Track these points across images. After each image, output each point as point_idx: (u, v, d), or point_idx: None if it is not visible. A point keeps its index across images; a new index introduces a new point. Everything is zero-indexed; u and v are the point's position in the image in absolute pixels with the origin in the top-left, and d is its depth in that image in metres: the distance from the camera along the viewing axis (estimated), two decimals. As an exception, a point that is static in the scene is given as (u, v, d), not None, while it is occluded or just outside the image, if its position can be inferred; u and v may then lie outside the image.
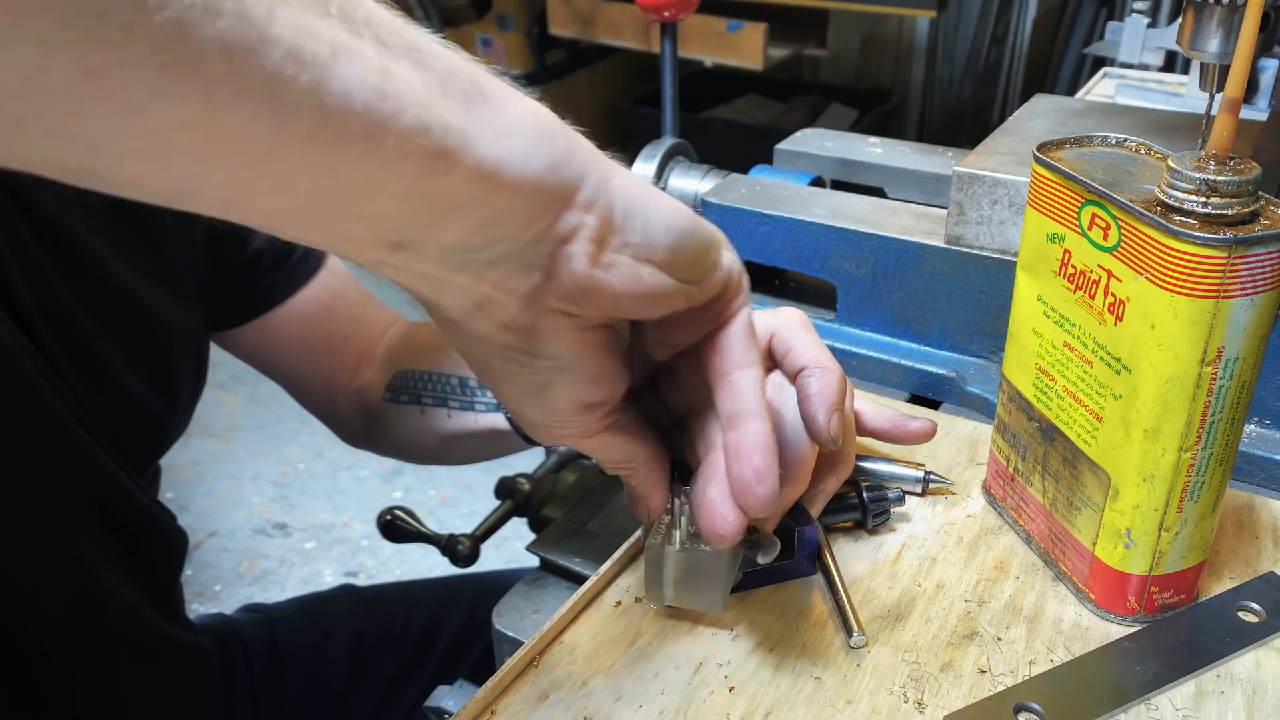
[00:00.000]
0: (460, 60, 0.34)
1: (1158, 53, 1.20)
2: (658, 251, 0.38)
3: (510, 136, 0.33)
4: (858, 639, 0.51)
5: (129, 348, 0.65)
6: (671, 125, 0.89)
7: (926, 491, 0.62)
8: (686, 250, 0.40)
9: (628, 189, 0.38)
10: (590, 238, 0.37)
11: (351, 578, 2.08)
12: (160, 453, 0.73)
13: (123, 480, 0.65)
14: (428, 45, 0.32)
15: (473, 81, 0.33)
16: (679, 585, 0.50)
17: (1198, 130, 0.67)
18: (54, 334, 0.60)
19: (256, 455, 2.45)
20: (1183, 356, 0.45)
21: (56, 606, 0.63)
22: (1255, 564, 0.57)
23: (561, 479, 0.92)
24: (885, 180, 0.90)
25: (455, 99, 0.32)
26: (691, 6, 0.85)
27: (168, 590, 0.75)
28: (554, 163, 0.35)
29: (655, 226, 0.38)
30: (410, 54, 0.31)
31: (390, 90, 0.30)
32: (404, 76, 0.30)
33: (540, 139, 0.34)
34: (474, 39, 2.83)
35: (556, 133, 0.35)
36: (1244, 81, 0.43)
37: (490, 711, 0.48)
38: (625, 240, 0.38)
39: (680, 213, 0.39)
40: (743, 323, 0.44)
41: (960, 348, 0.73)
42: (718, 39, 2.48)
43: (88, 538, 0.64)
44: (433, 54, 0.32)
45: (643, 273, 0.38)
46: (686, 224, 0.39)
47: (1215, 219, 0.43)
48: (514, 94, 0.35)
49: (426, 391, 0.77)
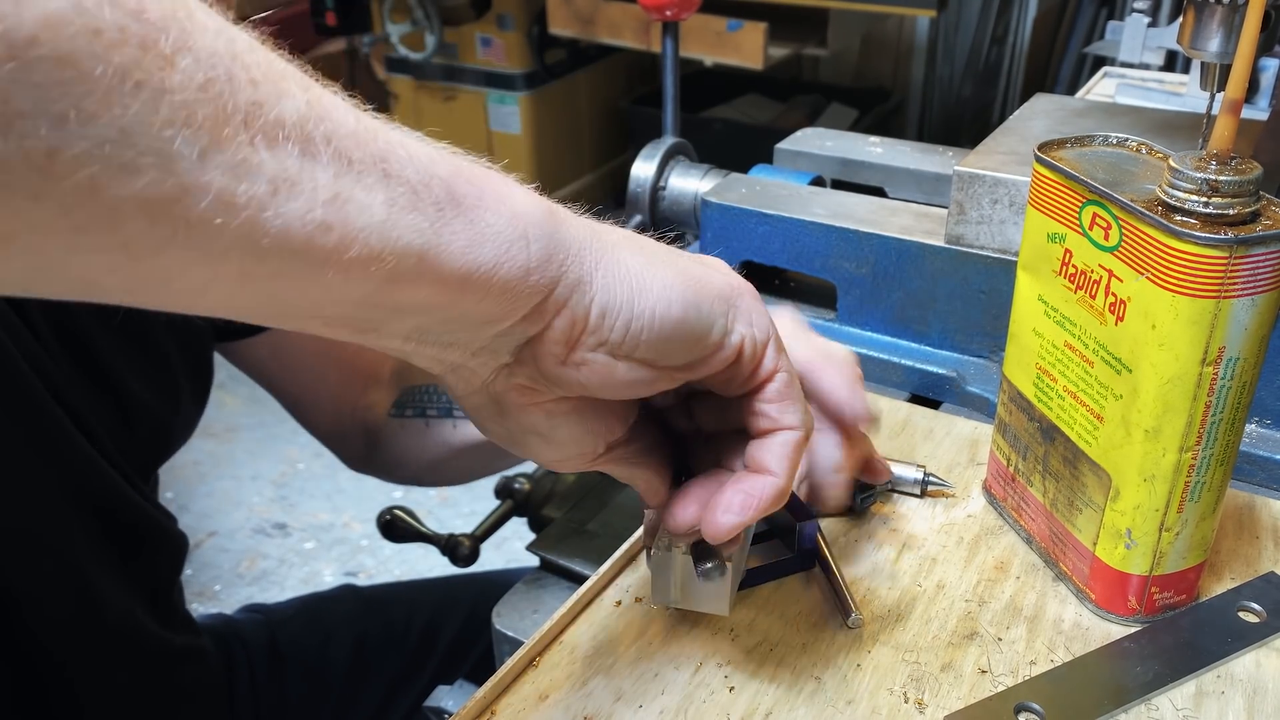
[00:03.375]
0: (438, 163, 0.32)
1: (1158, 52, 1.20)
2: (640, 347, 0.37)
3: (480, 247, 0.32)
4: (855, 619, 0.51)
5: (132, 352, 0.65)
6: (672, 124, 0.89)
7: (925, 494, 0.62)
8: (677, 340, 0.38)
9: (614, 280, 0.36)
10: (558, 339, 0.36)
11: (351, 578, 2.08)
12: (163, 458, 0.73)
13: (123, 486, 0.65)
14: (399, 152, 0.31)
15: (448, 188, 0.32)
16: (685, 588, 0.49)
17: (1198, 130, 0.67)
18: (58, 338, 0.60)
19: (256, 455, 2.45)
20: (1183, 356, 0.45)
21: (57, 611, 0.63)
22: (1256, 564, 0.57)
23: (561, 479, 0.92)
24: (885, 180, 0.90)
25: (423, 212, 0.31)
26: (694, 6, 0.85)
27: (166, 594, 0.75)
28: (524, 270, 0.33)
29: (640, 321, 0.37)
30: (376, 166, 0.30)
31: (337, 221, 0.28)
32: (359, 201, 0.29)
33: (513, 245, 0.33)
34: (474, 39, 2.83)
35: (534, 235, 0.34)
36: (1245, 81, 0.43)
37: (490, 711, 0.48)
38: (601, 339, 0.36)
39: (673, 301, 0.37)
40: (776, 388, 0.42)
41: (961, 347, 0.73)
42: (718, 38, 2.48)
43: (87, 543, 0.64)
44: (404, 161, 0.31)
45: (618, 369, 0.37)
46: (678, 313, 0.37)
47: (1216, 219, 0.43)
48: (495, 194, 0.34)
49: (431, 404, 0.77)
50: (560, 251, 0.35)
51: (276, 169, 0.27)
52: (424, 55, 2.82)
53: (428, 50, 2.80)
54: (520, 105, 2.87)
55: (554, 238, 0.35)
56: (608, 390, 0.38)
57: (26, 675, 0.63)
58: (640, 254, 0.38)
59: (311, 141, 0.28)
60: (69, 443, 0.61)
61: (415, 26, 2.77)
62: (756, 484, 0.42)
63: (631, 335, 0.37)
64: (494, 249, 0.33)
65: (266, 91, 0.27)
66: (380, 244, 0.30)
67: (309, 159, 0.28)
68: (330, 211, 0.28)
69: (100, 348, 0.63)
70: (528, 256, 0.34)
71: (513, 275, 0.33)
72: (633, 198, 0.85)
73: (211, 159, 0.26)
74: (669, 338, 0.38)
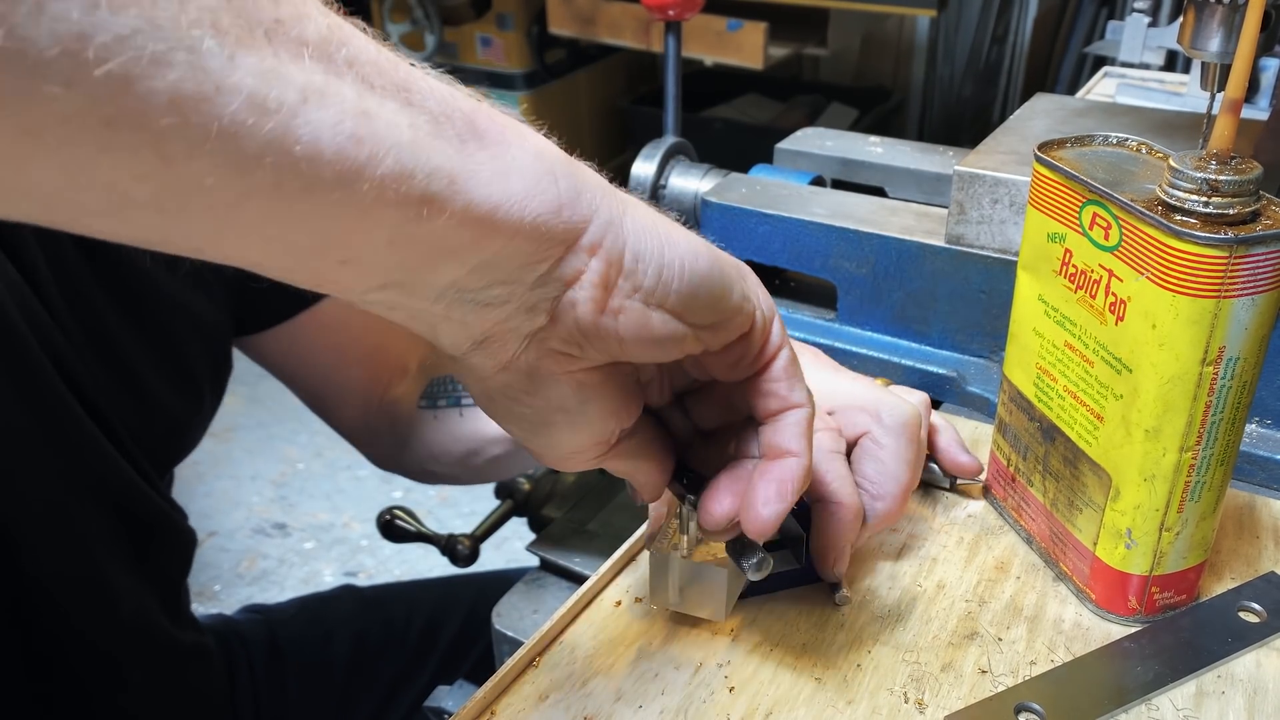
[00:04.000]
0: (459, 99, 0.32)
1: (1158, 52, 1.20)
2: (671, 296, 0.37)
3: (507, 178, 0.32)
4: (842, 595, 0.52)
5: (156, 353, 0.65)
6: (674, 124, 0.89)
7: (954, 488, 0.62)
8: (704, 294, 0.38)
9: (641, 229, 0.36)
10: (596, 282, 0.35)
11: (351, 578, 2.08)
12: (180, 457, 0.72)
13: (140, 483, 0.65)
14: (421, 84, 0.31)
15: (469, 121, 0.32)
16: (684, 591, 0.49)
17: (1198, 130, 0.67)
18: (84, 334, 0.60)
19: (255, 455, 2.45)
20: (1184, 356, 0.45)
21: (75, 604, 0.64)
22: (1256, 564, 0.57)
23: (561, 478, 0.92)
24: (885, 180, 0.90)
25: (447, 140, 0.31)
26: (697, 6, 0.85)
27: (176, 591, 0.75)
28: (555, 205, 0.33)
29: (670, 269, 0.36)
30: (399, 94, 0.30)
31: (367, 135, 0.28)
32: (386, 119, 0.29)
33: (540, 180, 0.33)
34: (474, 38, 2.83)
35: (560, 173, 0.34)
36: (1245, 81, 0.43)
37: (490, 711, 0.48)
38: (636, 284, 0.36)
39: (699, 254, 0.37)
40: (782, 364, 0.42)
41: (961, 347, 0.73)
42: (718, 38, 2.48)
43: (106, 538, 0.64)
44: (426, 93, 0.31)
45: (653, 319, 0.37)
46: (705, 267, 0.37)
47: (1216, 218, 0.43)
48: (517, 132, 0.33)
49: (465, 391, 0.75)
50: (588, 191, 0.35)
51: (305, 79, 0.27)
52: (424, 55, 2.82)
53: (428, 50, 2.80)
54: (520, 105, 2.87)
55: (580, 177, 0.35)
56: (641, 346, 0.37)
57: (41, 667, 0.63)
58: (655, 213, 0.38)
59: (333, 62, 0.28)
60: (91, 438, 0.61)
61: (415, 26, 2.77)
62: (784, 468, 0.42)
63: (664, 283, 0.36)
64: (522, 182, 0.32)
65: (288, 11, 0.27)
66: (412, 161, 0.29)
67: (332, 77, 0.28)
68: (360, 124, 0.28)
69: (125, 346, 0.63)
70: (557, 192, 0.33)
71: (544, 210, 0.33)
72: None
73: (240, 61, 0.26)
74: (697, 290, 0.37)
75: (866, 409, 0.55)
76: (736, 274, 0.40)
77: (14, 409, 0.57)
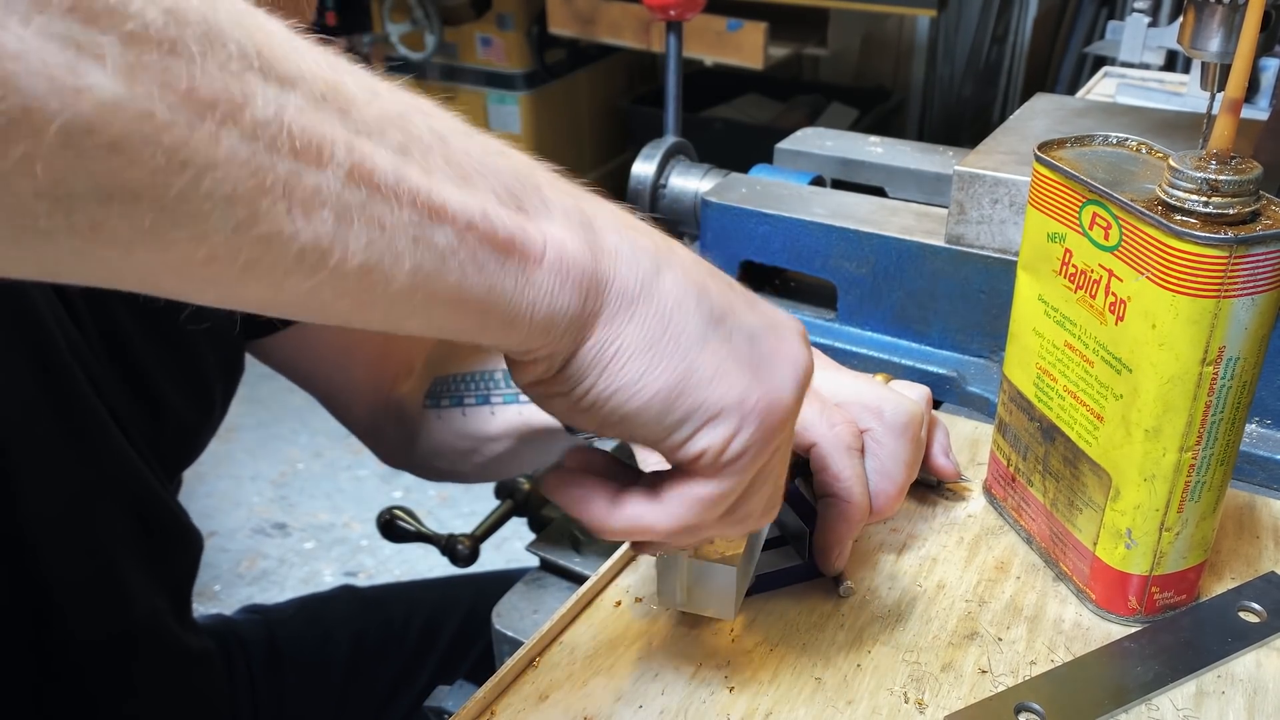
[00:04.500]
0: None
1: (1158, 52, 1.20)
2: (577, 417, 0.38)
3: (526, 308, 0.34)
4: (846, 587, 0.52)
5: (169, 358, 0.65)
6: (674, 124, 0.89)
7: (939, 488, 0.62)
8: (623, 430, 0.38)
9: (603, 345, 0.36)
10: (536, 380, 0.38)
11: (351, 578, 2.08)
12: (190, 460, 0.73)
13: (156, 486, 0.66)
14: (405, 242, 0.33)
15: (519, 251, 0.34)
16: (691, 591, 0.49)
17: (1198, 130, 0.67)
18: (101, 336, 0.61)
19: (255, 455, 2.45)
20: (1184, 356, 0.45)
21: (89, 604, 0.64)
22: (1256, 564, 0.57)
23: (561, 479, 0.91)
24: (885, 180, 0.90)
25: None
26: (698, 6, 0.85)
27: (184, 595, 0.75)
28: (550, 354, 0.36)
29: (602, 392, 0.37)
30: (406, 231, 0.32)
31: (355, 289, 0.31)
32: (392, 257, 0.31)
33: (555, 297, 0.35)
34: (474, 38, 2.83)
35: (567, 325, 0.36)
36: (1245, 81, 0.43)
37: (490, 711, 0.48)
38: (557, 391, 0.38)
39: (645, 388, 0.37)
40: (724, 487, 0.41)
41: (961, 347, 0.73)
42: (718, 38, 2.48)
43: (121, 539, 0.65)
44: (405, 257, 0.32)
45: (575, 419, 0.39)
46: (641, 403, 0.37)
47: (1216, 218, 0.43)
48: (541, 240, 0.34)
49: (469, 391, 0.76)
50: (566, 319, 0.36)
51: (310, 238, 0.29)
52: (424, 55, 2.81)
53: (427, 50, 2.80)
54: (520, 105, 2.87)
55: (586, 323, 0.36)
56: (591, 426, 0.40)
57: (50, 669, 0.63)
58: (664, 318, 0.37)
59: (348, 210, 0.29)
60: (109, 439, 0.61)
61: (415, 26, 2.77)
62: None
63: (592, 401, 0.37)
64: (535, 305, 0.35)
65: (304, 163, 0.28)
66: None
67: (343, 225, 0.29)
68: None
69: (139, 351, 0.63)
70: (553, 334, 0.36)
71: (541, 324, 0.35)
72: (633, 197, 0.85)
73: (245, 233, 0.27)
74: (634, 418, 0.37)
75: (869, 406, 0.55)
76: (694, 417, 0.38)
77: (39, 409, 0.58)
